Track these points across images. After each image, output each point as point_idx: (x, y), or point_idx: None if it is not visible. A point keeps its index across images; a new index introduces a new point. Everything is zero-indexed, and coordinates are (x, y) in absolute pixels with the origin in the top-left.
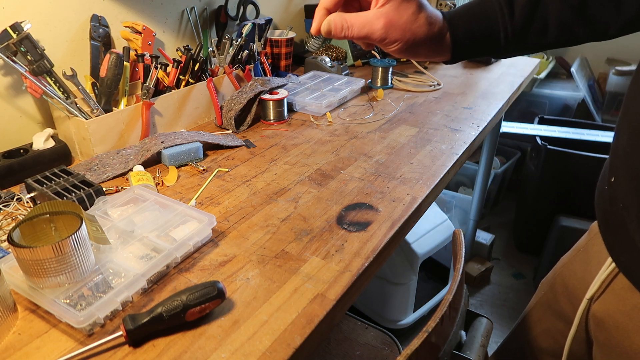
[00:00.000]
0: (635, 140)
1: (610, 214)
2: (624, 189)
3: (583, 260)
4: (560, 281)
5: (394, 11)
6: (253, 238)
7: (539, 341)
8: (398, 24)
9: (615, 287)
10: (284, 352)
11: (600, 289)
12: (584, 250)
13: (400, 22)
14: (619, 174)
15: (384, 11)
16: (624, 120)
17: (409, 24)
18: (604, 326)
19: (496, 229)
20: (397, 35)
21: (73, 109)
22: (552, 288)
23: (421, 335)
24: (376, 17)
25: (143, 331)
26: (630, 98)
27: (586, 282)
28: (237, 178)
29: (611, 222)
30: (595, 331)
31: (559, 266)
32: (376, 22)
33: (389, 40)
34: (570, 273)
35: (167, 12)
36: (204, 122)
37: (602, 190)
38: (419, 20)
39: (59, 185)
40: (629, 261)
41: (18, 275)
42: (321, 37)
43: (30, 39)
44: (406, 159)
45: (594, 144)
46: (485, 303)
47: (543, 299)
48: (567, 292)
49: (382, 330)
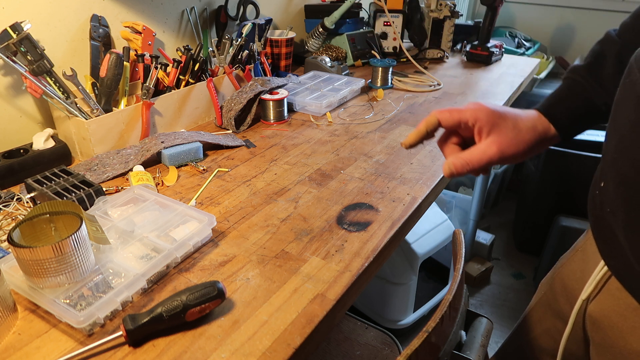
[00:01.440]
0: (622, 147)
1: (601, 219)
2: (611, 194)
3: (581, 260)
4: (559, 281)
5: (499, 134)
6: (253, 238)
7: (540, 341)
8: (509, 142)
9: (610, 288)
10: (284, 352)
11: (595, 289)
12: (582, 250)
13: (509, 139)
14: (607, 180)
15: (492, 139)
16: (612, 127)
17: (516, 137)
18: (599, 326)
19: (496, 229)
20: (512, 150)
21: (73, 109)
22: (552, 288)
23: (421, 335)
24: (488, 147)
25: (143, 331)
26: (618, 104)
27: (584, 281)
28: (237, 178)
29: (601, 227)
30: (592, 331)
31: (558, 266)
32: (490, 151)
33: (509, 157)
34: (568, 273)
35: (167, 12)
36: (204, 122)
37: (593, 195)
38: (522, 129)
39: (59, 185)
40: (619, 265)
41: (18, 275)
42: (321, 37)
43: (30, 39)
44: (406, 159)
45: (594, 144)
46: (485, 303)
47: (543, 299)
48: (566, 291)
49: (382, 330)
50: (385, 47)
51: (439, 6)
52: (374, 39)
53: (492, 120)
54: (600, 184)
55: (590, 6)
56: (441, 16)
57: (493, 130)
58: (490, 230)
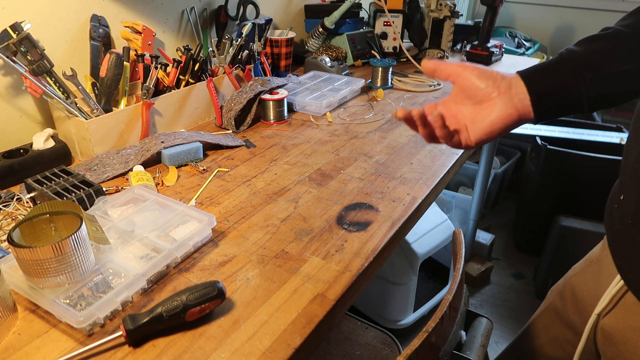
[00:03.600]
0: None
1: (620, 233)
2: (632, 205)
3: (595, 272)
4: (569, 290)
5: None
6: (253, 238)
7: (546, 349)
8: (485, 74)
9: (626, 302)
10: (284, 352)
11: (610, 304)
12: (597, 261)
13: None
14: (628, 192)
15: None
16: (633, 139)
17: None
18: (612, 341)
19: (496, 229)
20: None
21: (73, 109)
22: (562, 296)
23: (421, 335)
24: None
25: (143, 331)
26: (638, 119)
27: (596, 294)
28: (237, 178)
29: (621, 241)
30: (603, 345)
31: (570, 275)
32: (467, 66)
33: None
34: (580, 283)
35: (167, 12)
36: (204, 122)
37: (611, 209)
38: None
39: (59, 185)
40: (637, 279)
41: (18, 275)
42: (321, 37)
43: (30, 39)
44: (406, 159)
45: (594, 144)
46: (485, 303)
47: (551, 306)
48: (576, 302)
49: (382, 330)
50: (385, 47)
51: (439, 6)
52: (374, 39)
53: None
54: (620, 197)
55: (590, 6)
56: (441, 16)
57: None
58: (490, 230)
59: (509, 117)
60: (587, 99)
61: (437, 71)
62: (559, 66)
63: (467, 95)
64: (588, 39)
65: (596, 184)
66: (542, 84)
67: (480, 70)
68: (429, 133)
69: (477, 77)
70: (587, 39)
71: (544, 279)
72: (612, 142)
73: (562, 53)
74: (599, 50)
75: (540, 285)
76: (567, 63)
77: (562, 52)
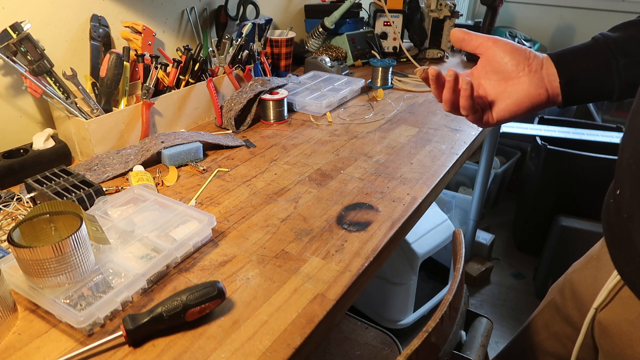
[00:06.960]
0: (639, 152)
1: (616, 226)
2: (628, 200)
3: (594, 267)
4: (569, 286)
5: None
6: (253, 238)
7: (546, 345)
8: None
9: (622, 296)
10: (284, 352)
11: (607, 298)
12: (596, 258)
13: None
14: (624, 186)
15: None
16: (628, 135)
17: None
18: (608, 334)
19: (496, 229)
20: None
21: (73, 109)
22: (561, 292)
23: (421, 335)
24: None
25: (143, 331)
26: (635, 113)
27: (595, 290)
28: (237, 178)
29: (616, 234)
30: (600, 339)
31: (570, 271)
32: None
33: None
34: (580, 279)
35: (167, 12)
36: (204, 122)
37: (608, 204)
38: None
39: (59, 185)
40: (632, 272)
41: (18, 275)
42: (321, 37)
43: (30, 39)
44: (406, 159)
45: (594, 144)
46: (485, 303)
47: (551, 303)
48: (575, 297)
49: (382, 330)
50: (385, 47)
51: (439, 6)
52: (374, 39)
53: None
54: (616, 192)
55: (590, 6)
56: (441, 16)
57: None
58: (490, 230)
59: (537, 96)
60: (619, 85)
61: (466, 41)
62: (593, 50)
63: (494, 70)
64: (624, 25)
65: (596, 184)
66: (573, 67)
67: (512, 45)
68: (453, 101)
69: (509, 52)
70: (623, 25)
71: (544, 278)
72: (612, 142)
73: (596, 37)
74: (637, 36)
75: (540, 285)
76: (601, 47)
77: (596, 36)
